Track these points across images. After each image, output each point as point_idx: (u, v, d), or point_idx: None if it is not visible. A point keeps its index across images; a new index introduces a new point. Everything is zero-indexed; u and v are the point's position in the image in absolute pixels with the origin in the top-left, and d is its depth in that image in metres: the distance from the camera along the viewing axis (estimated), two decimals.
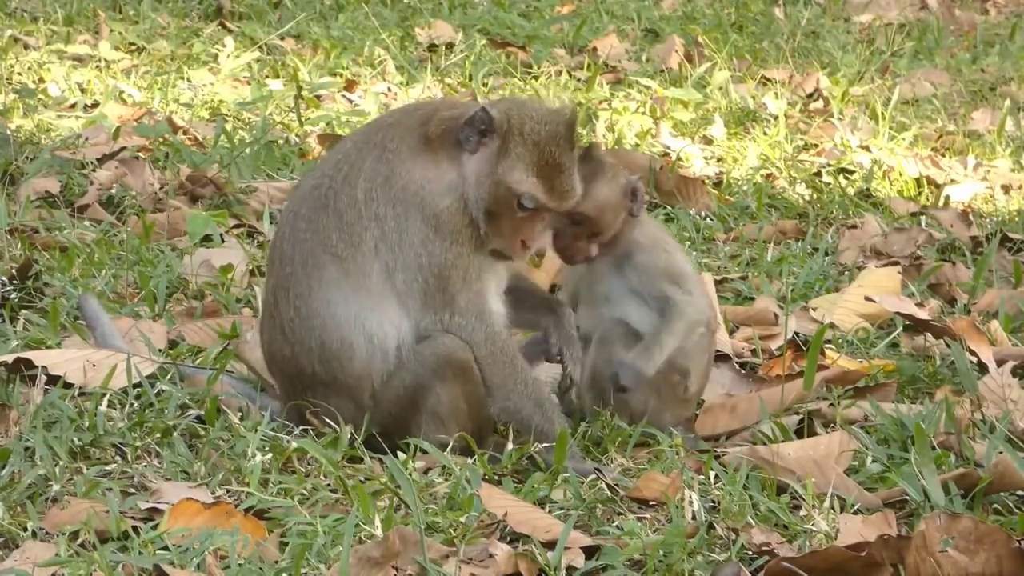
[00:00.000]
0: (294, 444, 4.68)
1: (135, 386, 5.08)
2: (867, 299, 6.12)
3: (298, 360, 4.87)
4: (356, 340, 4.81)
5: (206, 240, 6.89)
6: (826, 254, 7.23)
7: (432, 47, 11.28)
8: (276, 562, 4.09)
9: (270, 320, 4.94)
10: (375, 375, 4.83)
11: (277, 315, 4.90)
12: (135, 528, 4.21)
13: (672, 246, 5.27)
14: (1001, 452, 4.75)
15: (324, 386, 4.85)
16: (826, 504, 4.50)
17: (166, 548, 4.09)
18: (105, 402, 4.93)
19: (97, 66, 10.01)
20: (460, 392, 4.82)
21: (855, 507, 4.55)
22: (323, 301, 4.82)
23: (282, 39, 11.07)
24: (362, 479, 4.56)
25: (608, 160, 5.18)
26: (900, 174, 8.58)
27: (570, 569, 4.17)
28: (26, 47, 10.36)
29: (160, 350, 5.49)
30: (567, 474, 4.64)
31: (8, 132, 8.17)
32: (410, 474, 4.53)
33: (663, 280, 5.13)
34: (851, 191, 8.30)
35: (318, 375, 4.85)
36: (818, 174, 8.64)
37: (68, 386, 5.04)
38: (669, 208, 7.78)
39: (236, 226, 7.21)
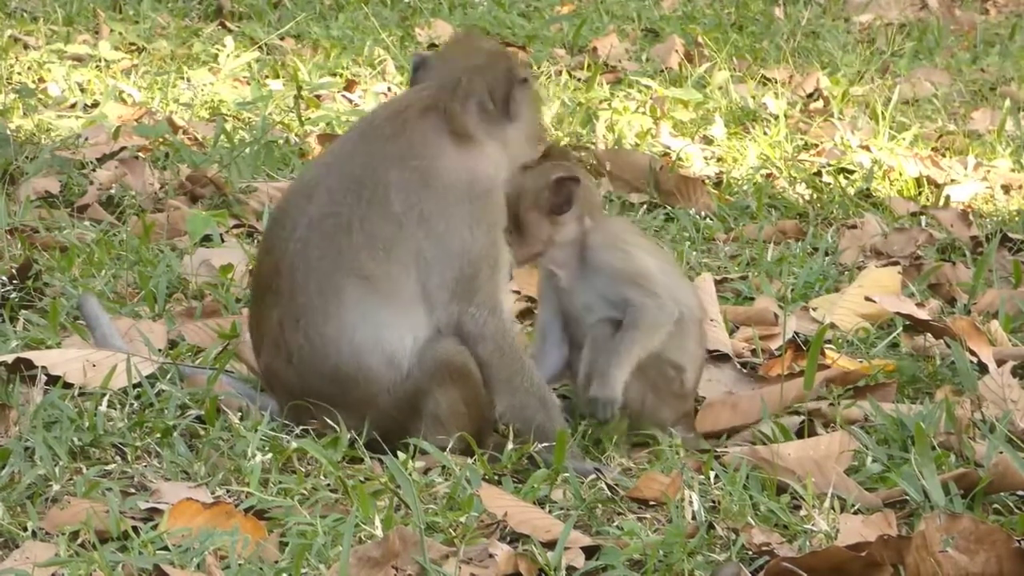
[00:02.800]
0: (294, 444, 4.67)
1: (135, 386, 5.08)
2: (867, 299, 6.12)
3: (306, 382, 4.80)
4: (373, 362, 4.75)
5: (206, 240, 6.88)
6: (826, 254, 7.22)
7: (432, 47, 11.27)
8: (276, 562, 4.09)
9: (274, 348, 4.84)
10: (386, 389, 4.78)
11: (283, 343, 4.81)
12: (135, 528, 4.21)
13: (633, 243, 5.12)
14: (1001, 452, 4.75)
15: (330, 401, 4.81)
16: (826, 504, 4.50)
17: (166, 548, 4.09)
18: (105, 402, 4.92)
19: (97, 66, 10.00)
20: (459, 396, 4.80)
21: (855, 507, 4.55)
22: (340, 326, 4.75)
23: (282, 39, 11.07)
24: (362, 479, 4.56)
25: (566, 159, 5.11)
26: (900, 174, 8.57)
27: (570, 569, 4.17)
28: (26, 47, 10.35)
29: (160, 350, 5.48)
30: (567, 474, 4.64)
31: (8, 132, 8.16)
32: (410, 474, 4.53)
33: (622, 282, 5.02)
34: (851, 191, 8.29)
35: (326, 395, 4.79)
36: (818, 174, 8.63)
37: (68, 386, 5.03)
38: (669, 208, 7.78)
39: (236, 226, 7.21)
